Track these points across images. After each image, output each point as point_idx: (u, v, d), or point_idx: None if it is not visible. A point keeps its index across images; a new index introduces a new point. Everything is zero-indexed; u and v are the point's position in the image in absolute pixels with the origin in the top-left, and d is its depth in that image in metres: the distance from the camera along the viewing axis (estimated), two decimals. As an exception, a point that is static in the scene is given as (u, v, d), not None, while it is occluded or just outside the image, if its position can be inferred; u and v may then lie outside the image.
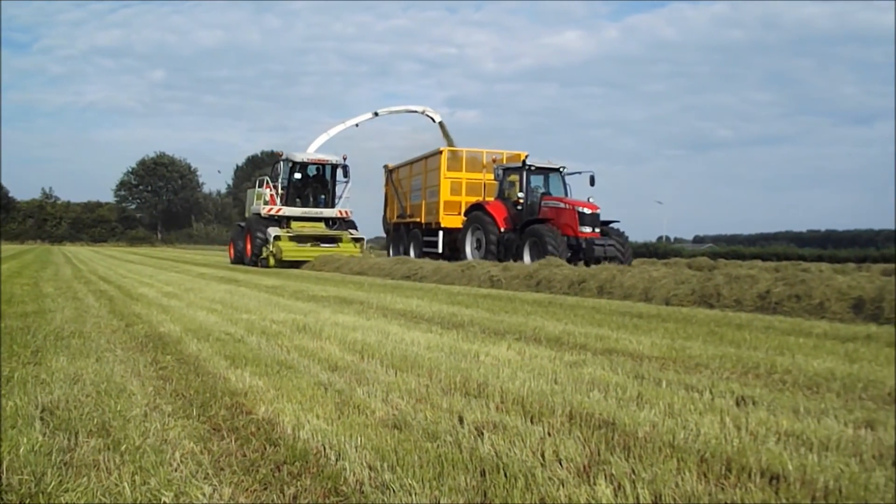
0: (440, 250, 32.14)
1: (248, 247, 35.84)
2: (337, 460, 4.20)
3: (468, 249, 29.46)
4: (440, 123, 40.73)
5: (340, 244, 35.54)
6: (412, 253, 34.75)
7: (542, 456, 4.20)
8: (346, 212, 37.29)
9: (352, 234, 36.48)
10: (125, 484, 3.79)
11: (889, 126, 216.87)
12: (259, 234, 34.88)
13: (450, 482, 3.84)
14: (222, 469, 4.09)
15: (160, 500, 3.64)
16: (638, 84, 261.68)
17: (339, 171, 37.37)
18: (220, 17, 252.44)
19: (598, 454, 4.24)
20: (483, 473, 3.96)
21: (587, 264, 22.33)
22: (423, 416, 5.08)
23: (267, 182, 37.27)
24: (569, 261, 23.74)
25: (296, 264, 33.15)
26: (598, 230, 26.35)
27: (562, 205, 26.87)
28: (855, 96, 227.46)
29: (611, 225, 27.11)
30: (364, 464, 4.13)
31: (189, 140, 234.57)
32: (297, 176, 36.58)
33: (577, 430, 4.73)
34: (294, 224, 35.76)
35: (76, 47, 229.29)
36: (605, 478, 3.86)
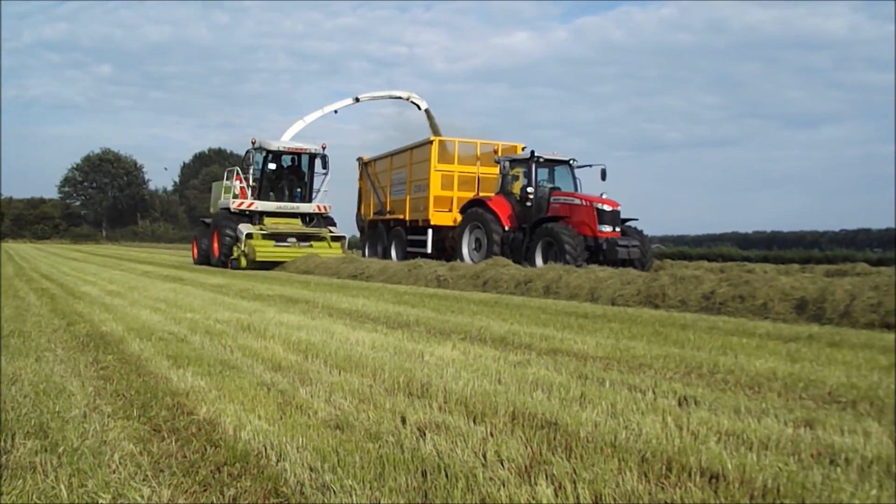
0: (429, 250, 28.72)
1: (216, 246, 31.82)
2: (278, 461, 4.19)
3: (465, 251, 26.43)
4: (426, 111, 37.44)
5: (319, 243, 31.62)
6: (393, 253, 31.60)
7: (484, 456, 4.20)
8: (324, 207, 33.24)
9: (332, 231, 32.54)
10: (62, 486, 3.75)
11: (833, 130, 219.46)
12: (228, 232, 30.96)
13: (390, 483, 3.83)
14: (162, 470, 4.05)
15: (97, 502, 3.60)
16: (587, 86, 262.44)
17: (318, 162, 33.55)
18: (168, 12, 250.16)
19: (540, 454, 4.25)
20: (424, 474, 3.95)
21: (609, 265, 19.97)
22: (366, 417, 5.07)
23: (237, 173, 33.25)
24: (587, 263, 21.30)
25: (267, 265, 29.49)
26: (618, 229, 23.48)
27: (577, 201, 23.94)
28: (800, 100, 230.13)
29: (628, 223, 24.14)
30: (305, 465, 4.11)
31: (135, 136, 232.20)
32: (272, 166, 32.58)
33: (519, 430, 4.73)
34: (267, 220, 31.77)
35: (21, 41, 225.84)
36: (546, 478, 3.86)
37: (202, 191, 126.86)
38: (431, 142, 29.84)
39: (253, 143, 32.95)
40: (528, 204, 24.91)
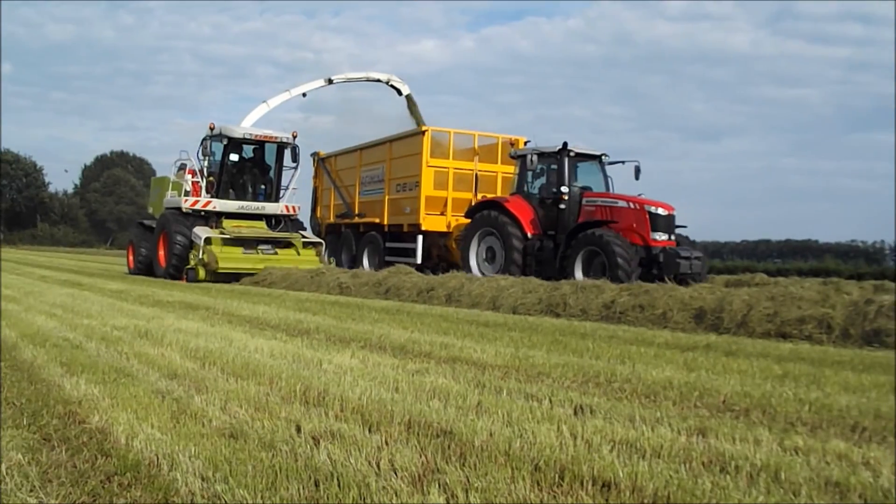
0: (419, 260, 24.59)
1: (163, 253, 26.33)
2: (169, 470, 4.13)
3: (473, 262, 22.08)
4: (408, 97, 32.23)
5: (288, 251, 26.28)
6: (366, 262, 27.34)
7: (378, 465, 4.18)
8: (293, 207, 27.73)
9: (305, 237, 27.06)
10: (-56, 498, 3.65)
11: (735, 143, 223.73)
12: (180, 236, 25.26)
13: (282, 492, 3.81)
14: (50, 481, 4.00)
15: (-21, 513, 3.52)
16: (493, 94, 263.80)
17: (287, 154, 27.78)
18: (72, 11, 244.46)
19: (435, 463, 4.24)
20: (317, 483, 3.93)
21: (661, 281, 16.50)
22: (261, 425, 5.03)
23: (189, 167, 27.67)
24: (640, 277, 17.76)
25: (230, 277, 24.27)
26: (673, 237, 19.69)
27: (622, 203, 19.94)
28: (703, 113, 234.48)
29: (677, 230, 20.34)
30: (197, 474, 4.06)
31: (36, 137, 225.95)
32: (234, 158, 27.12)
33: (414, 438, 4.73)
34: (226, 223, 26.05)
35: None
36: (439, 486, 3.86)
37: (103, 194, 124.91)
38: (423, 132, 25.52)
39: (211, 129, 26.96)
40: (562, 206, 20.77)
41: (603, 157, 21.86)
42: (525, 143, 24.54)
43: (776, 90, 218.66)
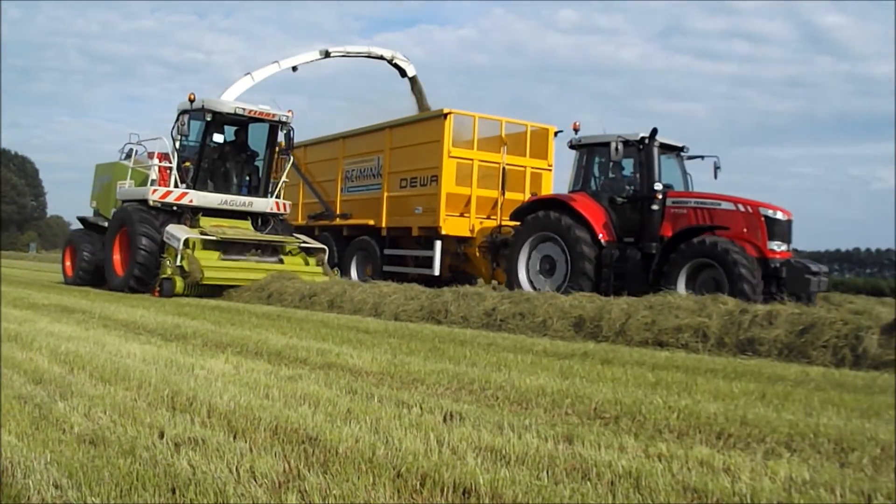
0: (437, 271, 20.35)
1: (119, 258, 20.80)
2: (23, 478, 4.04)
3: (522, 275, 17.95)
4: (412, 79, 26.41)
5: (297, 259, 21.21)
6: (354, 273, 22.84)
7: (238, 471, 4.14)
8: (284, 205, 22.44)
9: (304, 241, 21.54)
10: None
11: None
12: (147, 238, 19.59)
13: (136, 498, 3.75)
14: None
15: None
16: (384, 101, 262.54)
17: (280, 138, 22.08)
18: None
19: (297, 470, 4.21)
20: (174, 490, 3.89)
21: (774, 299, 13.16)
22: (123, 431, 4.95)
23: (152, 150, 22.03)
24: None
25: (214, 289, 19.44)
26: (791, 248, 16.16)
27: (727, 205, 16.09)
28: (592, 124, 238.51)
29: None
30: (51, 481, 3.98)
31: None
32: (218, 139, 21.63)
33: (279, 445, 4.70)
34: (204, 221, 20.48)
35: None
36: (298, 493, 3.84)
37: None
38: (445, 115, 20.68)
39: (191, 101, 20.52)
40: (654, 207, 16.74)
41: (684, 150, 18.23)
42: (555, 134, 21.77)
43: (664, 103, 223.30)
